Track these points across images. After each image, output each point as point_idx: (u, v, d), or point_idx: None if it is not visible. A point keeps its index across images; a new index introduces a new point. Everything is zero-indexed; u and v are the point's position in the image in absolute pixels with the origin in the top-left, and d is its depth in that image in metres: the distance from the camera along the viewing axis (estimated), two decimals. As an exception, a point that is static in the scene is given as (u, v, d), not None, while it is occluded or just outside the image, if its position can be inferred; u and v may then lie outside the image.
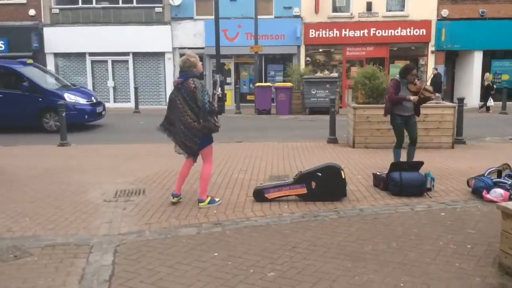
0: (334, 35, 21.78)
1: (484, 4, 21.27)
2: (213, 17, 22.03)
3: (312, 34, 21.86)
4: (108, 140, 12.28)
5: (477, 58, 21.61)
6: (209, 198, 5.96)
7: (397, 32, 21.62)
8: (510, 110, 18.47)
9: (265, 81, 21.20)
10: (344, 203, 5.84)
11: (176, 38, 22.40)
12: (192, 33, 22.34)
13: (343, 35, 21.76)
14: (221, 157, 9.21)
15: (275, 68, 22.68)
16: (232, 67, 22.69)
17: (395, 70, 21.78)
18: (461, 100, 11.14)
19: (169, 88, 22.51)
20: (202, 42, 22.21)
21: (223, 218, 5.46)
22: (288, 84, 18.63)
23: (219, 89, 7.36)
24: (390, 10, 21.80)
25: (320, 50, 23.00)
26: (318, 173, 5.87)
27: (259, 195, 6.02)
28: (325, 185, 5.85)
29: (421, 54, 22.22)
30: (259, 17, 20.62)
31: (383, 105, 10.58)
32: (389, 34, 21.63)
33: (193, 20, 22.35)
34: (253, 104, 19.40)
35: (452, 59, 22.65)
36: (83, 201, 6.35)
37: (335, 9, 22.03)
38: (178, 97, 5.82)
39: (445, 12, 21.40)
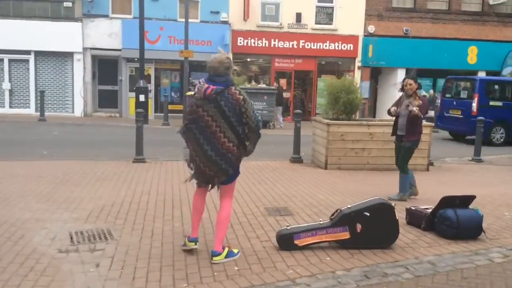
0: (263, 45, 20.74)
1: (409, 22, 21.62)
2: (131, 16, 20.06)
3: (240, 42, 20.61)
4: (15, 155, 9.81)
5: (400, 75, 21.81)
6: (226, 250, 4.32)
7: (326, 46, 21.15)
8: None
9: (189, 90, 19.45)
10: (399, 252, 4.55)
11: (87, 38, 19.81)
12: (107, 33, 19.91)
13: (272, 45, 20.78)
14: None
15: (200, 76, 21.00)
16: (152, 73, 20.62)
17: (322, 84, 21.36)
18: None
19: (78, 94, 19.90)
20: (119, 43, 19.88)
21: (256, 280, 3.87)
22: (222, 94, 17.11)
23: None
24: (319, 23, 21.27)
25: (248, 59, 21.83)
26: (366, 213, 4.52)
27: (287, 242, 4.52)
28: (375, 228, 4.52)
29: (348, 70, 21.98)
30: (183, 20, 18.96)
31: (358, 122, 9.66)
32: (318, 47, 21.09)
33: (108, 19, 19.96)
34: (179, 115, 17.58)
35: (375, 75, 22.73)
36: (29, 252, 4.38)
37: (264, 18, 21.02)
38: (209, 111, 4.16)
39: (371, 28, 21.39)
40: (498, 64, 22.00)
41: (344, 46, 21.26)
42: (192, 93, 4.45)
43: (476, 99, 15.14)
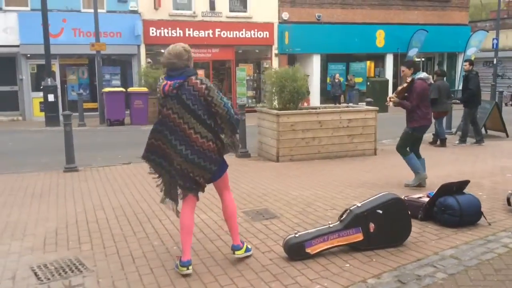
0: (177, 35, 19.77)
1: (320, 8, 21.86)
2: (28, 8, 18.19)
3: (152, 33, 19.50)
4: None
5: (316, 61, 22.12)
6: (245, 244, 4.13)
7: (242, 34, 20.73)
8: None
9: (100, 86, 18.05)
10: (414, 248, 4.23)
11: (-22, 33, 17.62)
12: (2, 28, 17.83)
13: (186, 34, 19.90)
14: (132, 188, 6.73)
15: (110, 70, 19.61)
16: (57, 69, 18.83)
17: (241, 73, 20.98)
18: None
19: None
20: (16, 39, 17.90)
21: (284, 302, 3.35)
22: (144, 89, 16.02)
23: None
24: (233, 11, 20.76)
25: (162, 50, 20.68)
26: (379, 211, 4.16)
27: (298, 251, 4.02)
28: (387, 226, 4.17)
29: (266, 57, 21.78)
30: (87, 10, 17.59)
31: (307, 111, 9.33)
32: (234, 36, 20.61)
33: (1, 12, 17.88)
34: (94, 113, 16.29)
35: (292, 63, 22.76)
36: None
37: (176, 6, 20.05)
38: (174, 108, 3.74)
39: (285, 15, 21.33)
40: (404, 46, 23.05)
41: (260, 34, 21.00)
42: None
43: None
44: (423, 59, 25.68)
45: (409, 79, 6.34)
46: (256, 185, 6.92)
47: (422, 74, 6.46)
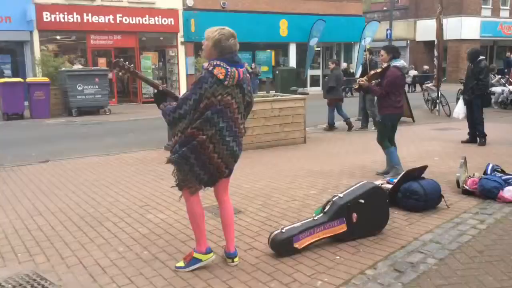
0: (75, 20, 18.43)
1: (222, -4, 21.65)
2: None
3: (47, 18, 17.92)
4: None
5: (222, 50, 21.87)
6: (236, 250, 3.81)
7: (145, 20, 19.88)
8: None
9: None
10: (392, 235, 4.26)
11: None
12: None
13: (85, 20, 18.63)
14: (64, 189, 6.11)
15: (0, 59, 17.71)
16: None
17: (146, 62, 20.17)
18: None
19: None
20: None
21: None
22: (45, 79, 14.61)
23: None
24: (135, -4, 19.81)
25: (58, 37, 19.18)
26: (361, 200, 4.13)
27: (286, 247, 3.86)
28: (369, 215, 4.16)
29: (171, 45, 21.11)
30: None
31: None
32: (137, 22, 19.70)
33: None
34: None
35: (198, 51, 22.30)
36: None
37: (73, -11, 18.63)
38: (236, 98, 3.48)
39: (190, 2, 20.83)
40: (306, 35, 23.71)
41: (165, 21, 20.30)
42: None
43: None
44: (320, 48, 26.59)
45: (384, 65, 6.16)
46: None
47: (399, 62, 6.17)
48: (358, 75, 24.30)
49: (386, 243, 4.11)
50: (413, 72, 25.84)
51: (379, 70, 6.28)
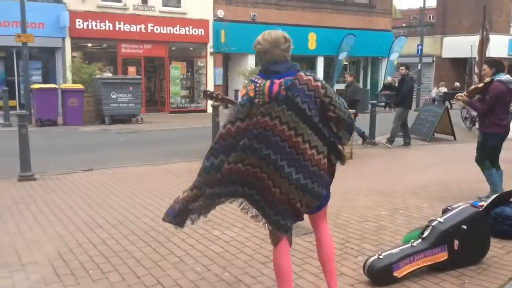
0: (107, 28, 18.34)
1: (255, 8, 21.51)
2: None
3: (79, 25, 17.85)
4: None
5: (251, 61, 21.67)
6: None
7: (176, 30, 19.74)
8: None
9: (26, 82, 16.11)
10: (495, 265, 3.91)
11: None
12: None
13: (117, 28, 18.52)
14: (118, 200, 5.84)
15: (31, 65, 17.62)
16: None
17: (174, 71, 20.04)
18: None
19: None
20: None
21: None
22: (79, 86, 14.48)
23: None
24: (166, 5, 19.70)
25: (90, 44, 19.14)
26: (463, 226, 3.78)
27: (386, 275, 3.52)
28: (471, 242, 3.81)
29: (200, 56, 20.96)
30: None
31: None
32: (168, 32, 19.56)
33: None
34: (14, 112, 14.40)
35: (227, 62, 22.19)
36: None
37: (105, -3, 18.61)
38: (282, 117, 2.77)
39: (221, 13, 20.68)
40: (335, 49, 23.43)
41: (195, 31, 20.16)
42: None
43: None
44: (346, 63, 26.26)
45: (487, 79, 5.68)
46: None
47: (504, 77, 5.65)
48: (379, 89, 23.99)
49: (491, 274, 3.76)
50: (443, 89, 25.39)
51: (480, 85, 5.79)
